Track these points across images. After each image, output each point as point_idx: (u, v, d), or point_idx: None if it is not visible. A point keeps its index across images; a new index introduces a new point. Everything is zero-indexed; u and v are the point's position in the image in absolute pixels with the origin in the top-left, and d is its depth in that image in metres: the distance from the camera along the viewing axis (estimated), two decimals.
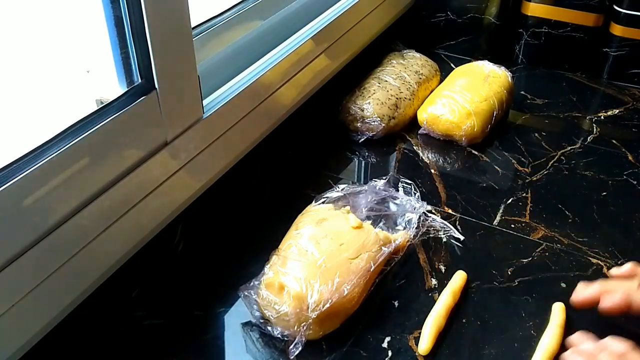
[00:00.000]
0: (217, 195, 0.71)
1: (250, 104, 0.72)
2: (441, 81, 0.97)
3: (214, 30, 0.69)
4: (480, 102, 0.87)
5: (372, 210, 0.71)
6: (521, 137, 0.90)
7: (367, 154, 0.87)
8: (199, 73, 0.62)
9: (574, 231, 0.71)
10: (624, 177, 0.81)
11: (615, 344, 0.51)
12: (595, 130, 0.92)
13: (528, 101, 1.00)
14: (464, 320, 0.60)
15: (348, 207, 0.67)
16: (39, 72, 0.57)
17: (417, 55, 1.00)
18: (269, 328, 0.56)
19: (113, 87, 0.56)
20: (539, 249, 0.69)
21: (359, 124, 0.87)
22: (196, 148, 0.64)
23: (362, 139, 0.87)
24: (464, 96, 0.87)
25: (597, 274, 0.65)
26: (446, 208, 0.75)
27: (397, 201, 0.72)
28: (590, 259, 0.67)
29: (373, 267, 0.60)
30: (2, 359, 0.48)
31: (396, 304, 0.62)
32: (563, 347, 0.55)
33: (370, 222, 0.66)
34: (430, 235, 0.70)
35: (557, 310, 0.59)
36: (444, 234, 0.70)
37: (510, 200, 0.76)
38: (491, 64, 0.95)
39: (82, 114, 0.51)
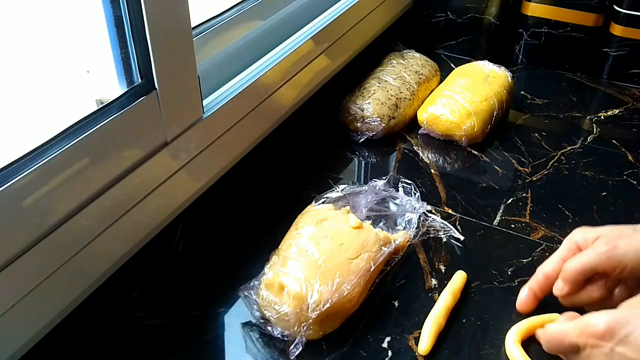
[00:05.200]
0: (217, 195, 0.71)
1: (250, 104, 0.72)
2: (441, 81, 0.97)
3: (214, 30, 0.69)
4: (480, 102, 0.87)
5: (372, 210, 0.71)
6: (521, 137, 0.90)
7: (367, 154, 0.87)
8: (199, 73, 0.62)
9: None
10: (624, 177, 0.81)
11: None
12: (595, 130, 0.92)
13: (528, 101, 1.00)
14: (464, 320, 0.60)
15: (348, 207, 0.67)
16: (39, 72, 0.57)
17: (417, 55, 1.00)
18: (269, 328, 0.56)
19: (113, 87, 0.56)
20: (539, 249, 0.69)
21: (359, 124, 0.87)
22: (196, 148, 0.64)
23: (362, 139, 0.87)
24: (464, 96, 0.87)
25: None
26: (446, 208, 0.75)
27: (397, 201, 0.72)
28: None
29: (373, 267, 0.60)
30: (3, 359, 0.48)
31: (396, 304, 0.62)
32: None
33: (370, 222, 0.66)
34: (430, 235, 0.70)
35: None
36: (444, 234, 0.70)
37: (510, 200, 0.76)
38: (491, 64, 0.95)
39: (82, 114, 0.51)
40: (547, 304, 0.61)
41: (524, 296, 0.59)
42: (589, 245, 0.55)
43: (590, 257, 0.54)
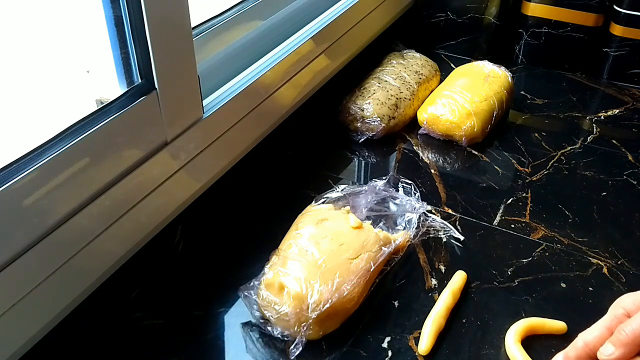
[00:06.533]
0: (217, 195, 0.71)
1: (250, 104, 0.72)
2: (441, 81, 0.97)
3: (214, 30, 0.69)
4: (480, 102, 0.87)
5: (372, 210, 0.71)
6: (521, 137, 0.90)
7: (367, 154, 0.87)
8: (199, 73, 0.62)
9: (574, 231, 0.71)
10: (624, 177, 0.81)
11: None
12: (595, 130, 0.92)
13: (528, 101, 1.00)
14: (464, 320, 0.60)
15: (348, 207, 0.67)
16: (39, 72, 0.57)
17: (417, 55, 1.00)
18: (269, 328, 0.56)
19: (113, 87, 0.56)
20: (539, 249, 0.69)
21: (359, 124, 0.87)
22: (196, 148, 0.64)
23: (362, 139, 0.87)
24: (464, 96, 0.87)
25: (597, 274, 0.65)
26: (446, 208, 0.75)
27: (397, 201, 0.72)
28: (590, 259, 0.67)
29: (373, 267, 0.60)
30: (2, 359, 0.48)
31: (396, 304, 0.62)
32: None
33: (370, 222, 0.66)
34: (430, 235, 0.70)
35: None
36: (444, 234, 0.70)
37: (510, 200, 0.76)
38: (491, 64, 0.95)
39: (82, 114, 0.51)
40: (547, 306, 0.61)
41: None
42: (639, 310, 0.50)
43: None
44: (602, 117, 0.96)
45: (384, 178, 0.74)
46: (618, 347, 0.49)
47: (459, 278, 0.63)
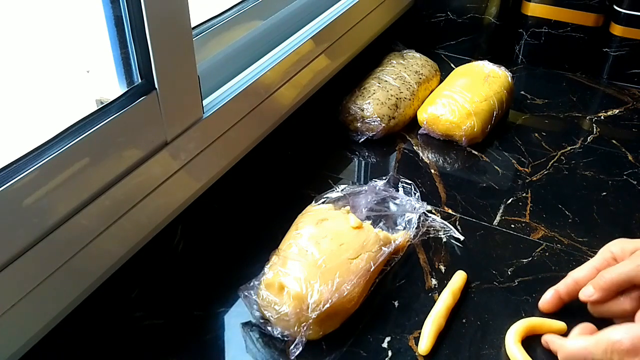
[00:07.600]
0: (217, 195, 0.71)
1: (250, 104, 0.72)
2: (441, 81, 0.97)
3: (214, 30, 0.69)
4: (480, 102, 0.87)
5: (372, 210, 0.71)
6: (521, 137, 0.90)
7: (367, 154, 0.87)
8: (199, 73, 0.62)
9: (574, 231, 0.71)
10: (624, 177, 0.81)
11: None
12: (595, 130, 0.92)
13: (528, 101, 1.00)
14: (464, 320, 0.60)
15: (348, 207, 0.67)
16: (39, 72, 0.57)
17: (417, 55, 1.00)
18: (269, 328, 0.56)
19: (113, 87, 0.56)
20: (539, 249, 0.69)
21: (359, 124, 0.87)
22: (196, 148, 0.64)
23: (362, 139, 0.87)
24: (464, 96, 0.87)
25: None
26: (446, 208, 0.75)
27: (397, 201, 0.72)
28: (590, 259, 0.67)
29: (373, 267, 0.60)
30: (3, 359, 0.48)
31: (396, 304, 0.62)
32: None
33: (370, 222, 0.66)
34: (430, 235, 0.70)
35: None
36: (444, 234, 0.70)
37: (510, 200, 0.76)
38: (491, 64, 0.95)
39: (82, 114, 0.51)
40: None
41: (549, 297, 0.59)
42: (625, 257, 0.55)
43: (628, 269, 0.53)
44: (602, 117, 0.96)
45: (384, 178, 0.74)
46: (597, 290, 0.55)
47: (459, 278, 0.63)
